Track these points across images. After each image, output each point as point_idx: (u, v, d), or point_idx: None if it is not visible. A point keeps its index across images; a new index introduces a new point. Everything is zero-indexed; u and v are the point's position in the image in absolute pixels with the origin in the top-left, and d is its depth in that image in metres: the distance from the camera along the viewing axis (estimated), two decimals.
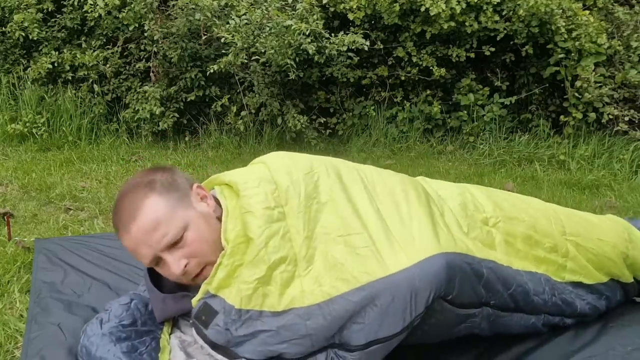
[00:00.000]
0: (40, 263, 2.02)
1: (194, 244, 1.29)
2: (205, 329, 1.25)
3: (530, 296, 1.40)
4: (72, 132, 4.32)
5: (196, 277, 1.30)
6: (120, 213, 1.33)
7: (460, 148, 4.31)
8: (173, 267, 1.28)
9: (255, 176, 1.35)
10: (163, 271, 1.33)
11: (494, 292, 1.32)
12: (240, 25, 3.87)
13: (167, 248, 1.28)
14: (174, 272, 1.28)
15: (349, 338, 1.18)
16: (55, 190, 3.09)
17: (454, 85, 4.47)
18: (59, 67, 4.47)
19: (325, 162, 1.43)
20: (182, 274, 1.28)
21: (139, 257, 1.32)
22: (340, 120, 4.57)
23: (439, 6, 3.84)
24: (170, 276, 1.33)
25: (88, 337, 1.36)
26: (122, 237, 1.33)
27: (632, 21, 4.22)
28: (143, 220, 1.28)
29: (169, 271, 1.30)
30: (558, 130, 4.30)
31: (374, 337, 1.16)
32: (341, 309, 1.16)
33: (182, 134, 4.50)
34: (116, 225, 1.35)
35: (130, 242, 1.31)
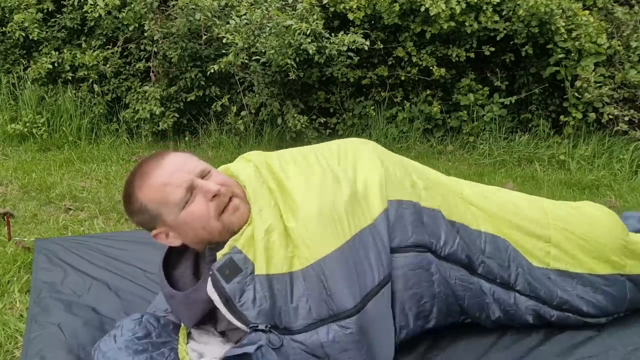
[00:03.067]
0: (40, 263, 2.02)
1: (220, 176, 1.38)
2: (226, 283, 1.27)
3: (476, 254, 1.46)
4: (72, 132, 4.32)
5: (225, 210, 1.33)
6: (147, 163, 1.37)
7: (460, 148, 4.31)
8: (209, 185, 1.31)
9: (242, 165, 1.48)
10: (195, 205, 1.32)
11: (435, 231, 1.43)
12: (240, 25, 3.87)
13: (200, 175, 1.34)
14: (211, 189, 1.31)
15: (339, 301, 1.26)
16: (55, 190, 3.09)
17: (454, 85, 4.46)
18: (59, 67, 4.47)
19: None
20: (217, 192, 1.31)
21: (172, 187, 1.31)
22: (340, 120, 4.57)
23: (439, 6, 3.84)
24: (201, 210, 1.32)
25: (103, 353, 1.32)
26: (152, 176, 1.33)
27: (632, 21, 4.22)
28: (174, 156, 1.37)
29: (205, 190, 1.31)
30: (558, 130, 4.30)
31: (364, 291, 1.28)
32: (331, 264, 1.27)
33: (182, 134, 4.50)
34: (143, 172, 1.35)
35: (163, 174, 1.32)
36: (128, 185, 1.38)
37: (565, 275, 1.52)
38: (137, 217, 1.39)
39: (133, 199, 1.36)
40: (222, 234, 1.33)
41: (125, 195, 1.39)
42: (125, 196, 1.39)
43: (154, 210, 1.34)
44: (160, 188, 1.32)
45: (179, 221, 1.33)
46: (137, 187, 1.35)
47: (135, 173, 1.38)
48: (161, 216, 1.34)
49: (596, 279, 1.53)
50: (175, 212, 1.32)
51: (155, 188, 1.33)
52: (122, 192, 1.42)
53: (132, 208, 1.38)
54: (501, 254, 1.48)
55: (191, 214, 1.32)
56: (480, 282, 1.46)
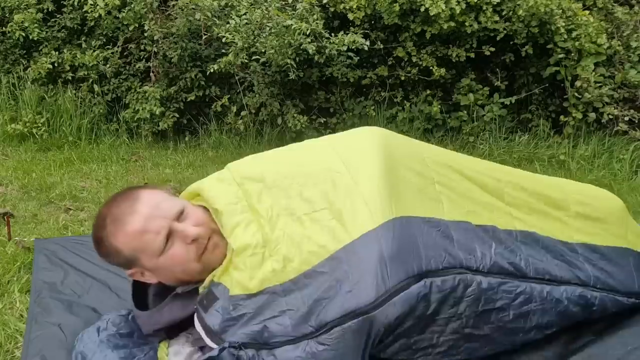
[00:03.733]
0: (40, 263, 2.02)
1: (196, 213, 1.34)
2: (205, 313, 1.27)
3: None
4: (72, 132, 4.32)
5: (205, 251, 1.30)
6: (118, 206, 1.33)
7: (460, 148, 4.31)
8: (188, 230, 1.28)
9: (216, 181, 1.46)
10: (175, 248, 1.29)
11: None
12: (240, 25, 3.87)
13: (177, 217, 1.31)
14: (190, 234, 1.28)
15: (324, 315, 1.18)
16: (55, 190, 3.09)
17: (454, 85, 4.46)
18: (59, 67, 4.47)
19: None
20: (196, 237, 1.29)
21: (150, 235, 1.28)
22: (340, 120, 4.56)
23: (439, 6, 3.84)
24: (181, 254, 1.29)
25: (85, 343, 1.37)
26: (126, 222, 1.29)
27: (632, 21, 4.22)
28: (148, 197, 1.33)
29: (184, 236, 1.28)
30: (558, 130, 4.30)
31: (349, 308, 1.17)
32: (314, 281, 1.20)
33: (182, 134, 4.50)
34: (115, 217, 1.31)
35: (140, 221, 1.28)
36: (99, 231, 1.33)
37: (589, 248, 1.45)
38: (108, 258, 1.37)
39: (106, 244, 1.33)
40: (202, 273, 1.31)
41: (97, 239, 1.35)
42: (97, 240, 1.35)
43: (130, 256, 1.31)
44: (137, 236, 1.29)
45: (158, 266, 1.31)
46: (111, 234, 1.31)
47: (105, 218, 1.33)
48: (139, 260, 1.32)
49: (611, 252, 1.48)
50: (154, 259, 1.30)
51: (132, 236, 1.29)
52: (92, 233, 1.37)
53: (104, 251, 1.35)
54: (537, 246, 1.39)
55: (171, 259, 1.30)
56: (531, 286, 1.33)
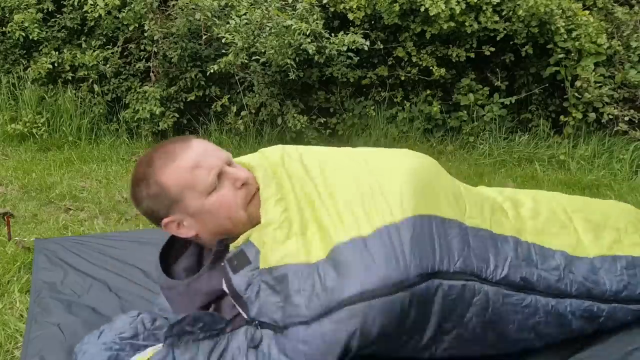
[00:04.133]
0: (40, 263, 2.02)
1: (242, 167, 1.32)
2: (233, 274, 1.21)
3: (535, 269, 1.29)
4: (72, 132, 4.32)
5: (252, 199, 1.26)
6: (167, 146, 1.28)
7: (460, 148, 4.31)
8: (239, 172, 1.26)
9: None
10: (224, 190, 1.24)
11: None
12: (240, 25, 3.87)
13: (227, 163, 1.28)
14: (241, 177, 1.26)
15: (338, 295, 1.09)
16: (55, 190, 3.09)
17: (454, 85, 4.46)
18: (59, 67, 4.47)
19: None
20: (246, 180, 1.26)
21: (203, 171, 1.23)
22: (340, 120, 4.56)
23: (439, 6, 3.84)
24: (229, 197, 1.24)
25: (83, 343, 1.37)
26: (178, 157, 1.24)
27: (632, 21, 4.22)
28: (199, 142, 1.30)
29: (235, 178, 1.25)
30: (558, 130, 4.30)
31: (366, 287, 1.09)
32: (331, 264, 1.13)
33: (182, 134, 4.50)
34: (166, 154, 1.25)
35: (193, 156, 1.24)
36: (144, 167, 1.27)
37: (607, 260, 1.41)
38: (147, 202, 1.27)
39: (150, 182, 1.24)
40: (245, 225, 1.25)
41: (139, 177, 1.27)
42: (139, 178, 1.27)
43: (176, 194, 1.23)
44: (190, 170, 1.23)
45: (204, 208, 1.24)
46: (159, 168, 1.24)
47: (154, 155, 1.27)
48: (182, 202, 1.24)
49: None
50: (201, 198, 1.23)
51: (184, 169, 1.23)
52: (133, 174, 1.29)
53: (145, 192, 1.26)
54: (549, 260, 1.34)
55: (219, 202, 1.23)
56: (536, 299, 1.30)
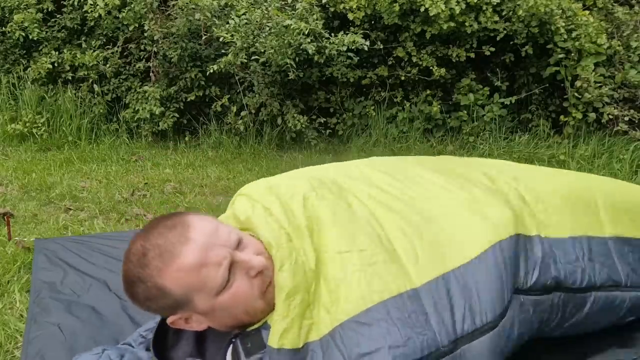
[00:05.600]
0: (40, 263, 2.02)
1: (253, 242, 1.15)
2: (245, 357, 1.11)
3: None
4: (72, 132, 4.32)
5: (269, 285, 1.10)
6: (163, 236, 1.08)
7: (460, 148, 4.31)
8: (253, 260, 1.08)
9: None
10: (238, 283, 1.09)
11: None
12: (240, 25, 3.87)
13: (237, 246, 1.10)
14: (256, 265, 1.08)
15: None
16: (55, 190, 3.09)
17: (454, 85, 4.46)
18: (59, 67, 4.47)
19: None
20: (263, 268, 1.09)
21: (211, 268, 1.06)
22: (340, 120, 4.57)
23: (439, 6, 3.84)
24: (245, 290, 1.09)
25: None
26: (179, 255, 1.06)
27: (632, 21, 4.22)
28: (200, 223, 1.10)
29: (249, 267, 1.09)
30: (558, 130, 4.30)
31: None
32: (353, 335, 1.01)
33: (182, 134, 4.50)
34: (163, 250, 1.06)
35: (197, 252, 1.06)
36: (138, 269, 1.07)
37: (622, 242, 1.33)
38: (147, 303, 1.11)
39: (148, 285, 1.07)
40: (264, 312, 1.11)
41: (132, 278, 1.08)
42: (133, 279, 1.08)
43: (182, 297, 1.07)
44: (195, 270, 1.05)
45: (216, 307, 1.09)
46: (157, 271, 1.06)
47: (147, 252, 1.07)
48: (190, 303, 1.08)
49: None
50: (212, 299, 1.08)
51: (188, 271, 1.05)
52: (125, 273, 1.10)
53: (143, 295, 1.09)
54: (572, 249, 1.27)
55: (233, 297, 1.08)
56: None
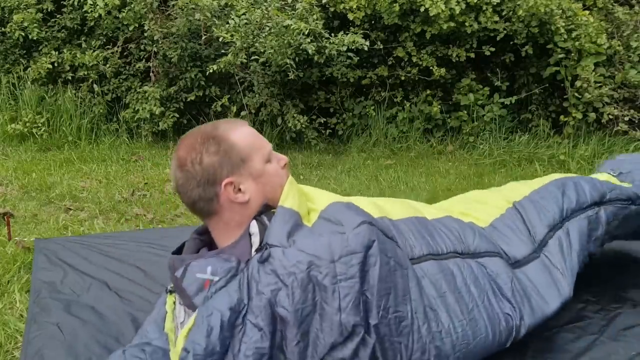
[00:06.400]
0: (40, 263, 2.02)
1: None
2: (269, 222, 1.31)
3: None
4: (72, 132, 4.32)
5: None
6: (229, 120, 1.40)
7: (460, 148, 4.31)
8: (282, 155, 1.41)
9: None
10: (274, 165, 1.37)
11: None
12: (239, 25, 3.87)
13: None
14: (284, 158, 1.40)
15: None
16: (55, 190, 3.09)
17: (454, 85, 4.46)
18: (59, 67, 4.47)
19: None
20: (287, 161, 1.41)
21: (263, 140, 1.38)
22: (340, 120, 4.57)
23: (439, 6, 3.84)
24: (279, 171, 1.38)
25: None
26: (242, 125, 1.37)
27: (632, 21, 4.22)
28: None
29: (279, 157, 1.40)
30: (558, 130, 4.30)
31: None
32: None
33: (182, 134, 4.48)
34: (229, 122, 1.38)
35: (252, 128, 1.39)
36: (210, 129, 1.35)
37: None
38: (213, 160, 1.31)
39: (220, 140, 1.31)
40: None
41: (206, 136, 1.33)
42: (206, 137, 1.33)
43: (246, 153, 1.32)
44: (255, 135, 1.37)
45: (265, 171, 1.34)
46: (228, 130, 1.34)
47: (216, 122, 1.39)
48: (249, 162, 1.33)
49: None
50: (263, 163, 1.34)
51: (251, 133, 1.37)
52: (195, 135, 1.36)
53: (214, 149, 1.31)
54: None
55: (275, 170, 1.36)
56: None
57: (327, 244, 1.21)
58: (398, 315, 1.21)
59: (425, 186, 3.42)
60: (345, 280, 1.18)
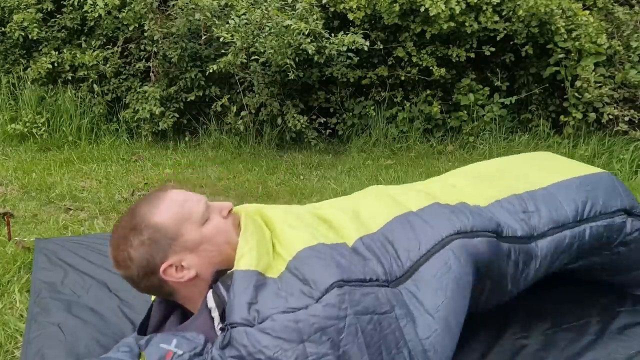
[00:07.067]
0: (40, 263, 2.02)
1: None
2: (227, 292, 1.23)
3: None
4: (72, 132, 4.32)
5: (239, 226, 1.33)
6: (148, 197, 1.31)
7: (460, 148, 4.31)
8: (223, 203, 1.33)
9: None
10: (215, 221, 1.29)
11: None
12: (239, 25, 3.87)
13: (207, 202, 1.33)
14: (225, 205, 1.32)
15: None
16: (55, 190, 3.09)
17: (454, 85, 4.46)
18: (59, 67, 4.47)
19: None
20: (231, 207, 1.33)
21: (192, 202, 1.29)
22: (340, 120, 4.57)
23: (439, 6, 3.84)
24: (222, 223, 1.30)
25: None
26: (164, 199, 1.28)
27: (632, 21, 4.22)
28: (175, 192, 1.33)
29: (220, 207, 1.31)
30: (558, 130, 4.30)
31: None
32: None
33: (182, 134, 4.50)
34: (150, 200, 1.28)
35: (178, 195, 1.29)
36: (129, 220, 1.26)
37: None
38: (142, 251, 1.23)
39: (142, 229, 1.23)
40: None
41: (127, 229, 1.25)
42: (127, 230, 1.24)
43: (174, 231, 1.24)
44: (181, 204, 1.27)
45: (204, 238, 1.26)
46: (148, 212, 1.25)
47: (136, 207, 1.29)
48: (182, 237, 1.24)
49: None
50: (199, 229, 1.26)
51: (175, 205, 1.26)
52: (118, 231, 1.27)
53: (138, 240, 1.23)
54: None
55: (215, 229, 1.27)
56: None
57: (293, 322, 1.11)
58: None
59: None
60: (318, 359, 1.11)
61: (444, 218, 1.37)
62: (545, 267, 1.45)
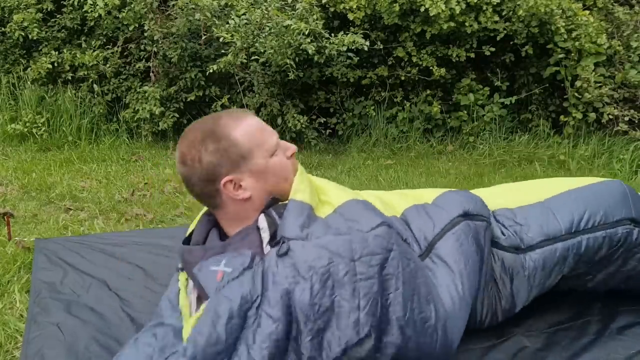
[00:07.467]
0: (40, 263, 2.02)
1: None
2: (279, 218, 1.30)
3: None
4: (72, 132, 4.32)
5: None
6: (232, 112, 1.37)
7: (460, 148, 4.31)
8: (289, 144, 1.39)
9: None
10: (280, 157, 1.35)
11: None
12: (239, 25, 3.87)
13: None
14: (292, 147, 1.38)
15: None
16: (55, 190, 3.09)
17: (454, 85, 4.46)
18: (59, 67, 4.47)
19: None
20: (295, 150, 1.39)
21: (267, 132, 1.35)
22: (340, 120, 4.57)
23: (439, 6, 3.84)
24: (285, 162, 1.36)
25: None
26: (245, 119, 1.34)
27: (632, 21, 4.22)
28: (256, 117, 1.40)
29: (286, 147, 1.38)
30: (558, 130, 4.30)
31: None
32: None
33: (181, 134, 4.49)
34: (232, 115, 1.34)
35: (258, 121, 1.36)
36: (211, 124, 1.32)
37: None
38: (212, 157, 1.29)
39: (220, 136, 1.29)
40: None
41: (205, 132, 1.30)
42: (205, 133, 1.30)
43: (245, 149, 1.30)
44: (259, 130, 1.33)
45: (268, 168, 1.32)
46: (230, 125, 1.31)
47: (219, 115, 1.35)
48: (250, 159, 1.30)
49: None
50: (266, 158, 1.32)
51: (254, 128, 1.33)
52: (194, 131, 1.34)
53: (212, 146, 1.29)
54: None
55: (279, 164, 1.34)
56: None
57: (348, 242, 1.20)
58: (423, 316, 1.22)
59: (425, 186, 3.42)
60: (365, 280, 1.18)
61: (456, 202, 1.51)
62: (540, 279, 1.51)
